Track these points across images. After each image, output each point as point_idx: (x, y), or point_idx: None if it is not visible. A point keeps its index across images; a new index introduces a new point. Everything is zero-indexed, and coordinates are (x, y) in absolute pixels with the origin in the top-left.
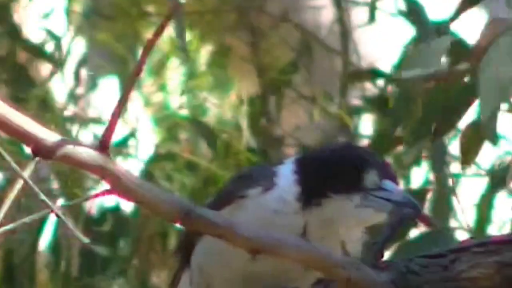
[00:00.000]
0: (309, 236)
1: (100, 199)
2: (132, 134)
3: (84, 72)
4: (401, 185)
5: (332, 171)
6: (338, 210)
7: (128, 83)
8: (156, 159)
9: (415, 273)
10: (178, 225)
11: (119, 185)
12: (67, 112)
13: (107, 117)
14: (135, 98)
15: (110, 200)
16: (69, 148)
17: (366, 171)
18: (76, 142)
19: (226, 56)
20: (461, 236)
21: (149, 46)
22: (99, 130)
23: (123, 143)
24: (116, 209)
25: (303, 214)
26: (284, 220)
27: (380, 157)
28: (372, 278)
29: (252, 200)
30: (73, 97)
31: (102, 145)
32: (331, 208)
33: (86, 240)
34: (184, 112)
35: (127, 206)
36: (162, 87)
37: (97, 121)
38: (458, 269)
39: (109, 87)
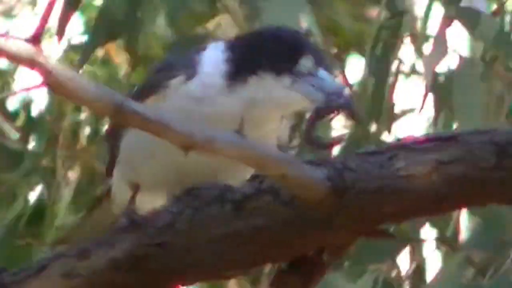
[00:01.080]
0: (244, 128)
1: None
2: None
3: None
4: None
5: (264, 49)
6: (265, 89)
7: None
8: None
9: (351, 169)
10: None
11: (50, 78)
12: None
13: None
14: None
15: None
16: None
17: (301, 55)
18: (6, 35)
19: None
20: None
21: None
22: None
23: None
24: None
25: (230, 95)
26: (210, 107)
27: (320, 48)
28: (308, 174)
29: (175, 90)
30: None
31: (34, 38)
32: (258, 86)
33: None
34: None
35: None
36: None
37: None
38: (395, 167)
39: None
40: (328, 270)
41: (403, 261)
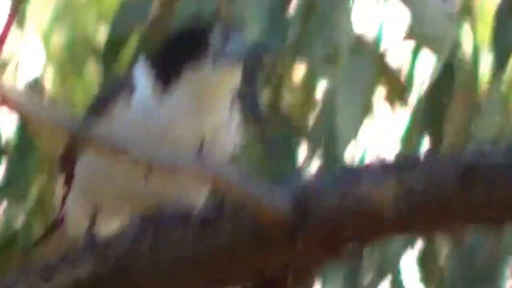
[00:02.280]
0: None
1: None
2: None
3: None
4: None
5: (177, 49)
6: (196, 81)
7: None
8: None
9: (314, 191)
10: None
11: (8, 100)
12: None
13: None
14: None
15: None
16: None
17: (209, 36)
18: None
19: None
20: None
21: None
22: None
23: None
24: None
25: (161, 105)
26: (152, 123)
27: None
28: (270, 196)
29: (118, 118)
30: None
31: None
32: (190, 83)
33: None
34: None
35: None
36: None
37: None
38: (359, 190)
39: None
40: None
41: None
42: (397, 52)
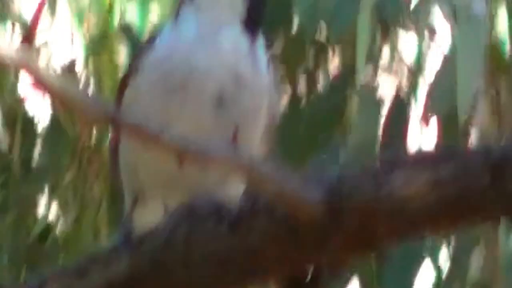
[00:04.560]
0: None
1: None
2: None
3: None
4: None
5: None
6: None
7: None
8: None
9: (347, 188)
10: None
11: (42, 84)
12: None
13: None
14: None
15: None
16: None
17: None
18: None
19: None
20: None
21: None
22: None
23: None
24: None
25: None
26: (182, 60)
27: None
28: (303, 193)
29: (146, 64)
30: None
31: (26, 42)
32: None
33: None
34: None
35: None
36: None
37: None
38: (392, 186)
39: None
40: None
41: None
42: None
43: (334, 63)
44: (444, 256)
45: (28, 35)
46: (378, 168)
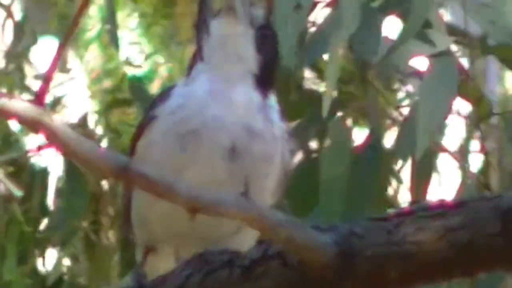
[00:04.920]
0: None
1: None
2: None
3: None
4: None
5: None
6: (213, 46)
7: (65, 36)
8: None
9: (358, 235)
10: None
11: (55, 139)
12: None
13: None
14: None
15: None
16: (4, 101)
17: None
18: (11, 95)
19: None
20: None
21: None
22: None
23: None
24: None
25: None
26: (197, 110)
27: None
28: (315, 239)
29: (161, 116)
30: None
31: (38, 98)
32: (209, 49)
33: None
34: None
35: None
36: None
37: (34, 77)
38: (403, 233)
39: (48, 46)
40: None
41: None
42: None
43: None
44: None
45: (41, 92)
46: (388, 217)
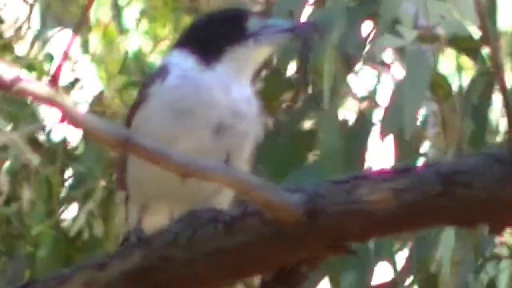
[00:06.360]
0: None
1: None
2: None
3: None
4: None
5: (217, 29)
6: (239, 57)
7: (77, 26)
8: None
9: (322, 196)
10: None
11: (67, 116)
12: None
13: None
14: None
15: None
16: (24, 83)
17: (245, 20)
18: (30, 78)
19: None
20: None
21: None
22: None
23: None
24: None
25: (207, 72)
26: (193, 87)
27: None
28: (286, 200)
29: (156, 93)
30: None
31: (53, 80)
32: (231, 58)
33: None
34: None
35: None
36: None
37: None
38: (359, 193)
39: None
40: (305, 280)
41: None
42: None
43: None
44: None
45: (55, 75)
46: (347, 179)
